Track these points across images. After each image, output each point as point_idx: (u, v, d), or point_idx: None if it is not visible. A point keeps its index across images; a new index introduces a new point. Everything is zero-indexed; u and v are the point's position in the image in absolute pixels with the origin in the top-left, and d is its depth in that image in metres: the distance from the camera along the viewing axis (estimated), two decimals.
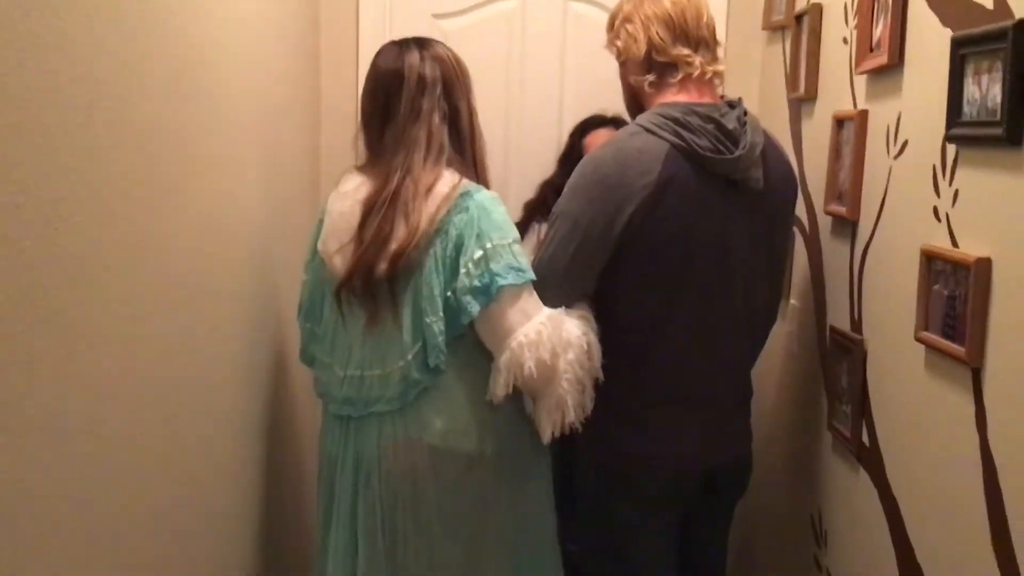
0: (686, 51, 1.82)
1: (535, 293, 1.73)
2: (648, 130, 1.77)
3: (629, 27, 1.86)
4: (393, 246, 1.69)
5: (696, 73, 1.82)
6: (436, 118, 1.75)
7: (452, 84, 1.79)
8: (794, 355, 2.30)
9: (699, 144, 1.74)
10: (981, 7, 1.39)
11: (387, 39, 2.64)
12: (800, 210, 2.26)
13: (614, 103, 2.76)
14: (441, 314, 1.70)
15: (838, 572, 1.95)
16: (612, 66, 2.85)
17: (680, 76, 1.82)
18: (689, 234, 1.77)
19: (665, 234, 1.75)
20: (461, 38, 2.75)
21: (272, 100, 2.08)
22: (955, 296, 1.42)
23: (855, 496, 1.85)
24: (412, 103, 1.75)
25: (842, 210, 1.94)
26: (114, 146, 1.08)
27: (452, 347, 1.73)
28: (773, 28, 2.61)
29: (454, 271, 1.70)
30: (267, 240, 2.01)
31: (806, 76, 2.22)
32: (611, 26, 1.94)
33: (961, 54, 1.42)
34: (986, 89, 1.35)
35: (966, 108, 1.42)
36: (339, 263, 1.77)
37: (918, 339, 1.53)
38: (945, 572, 1.47)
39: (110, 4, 1.07)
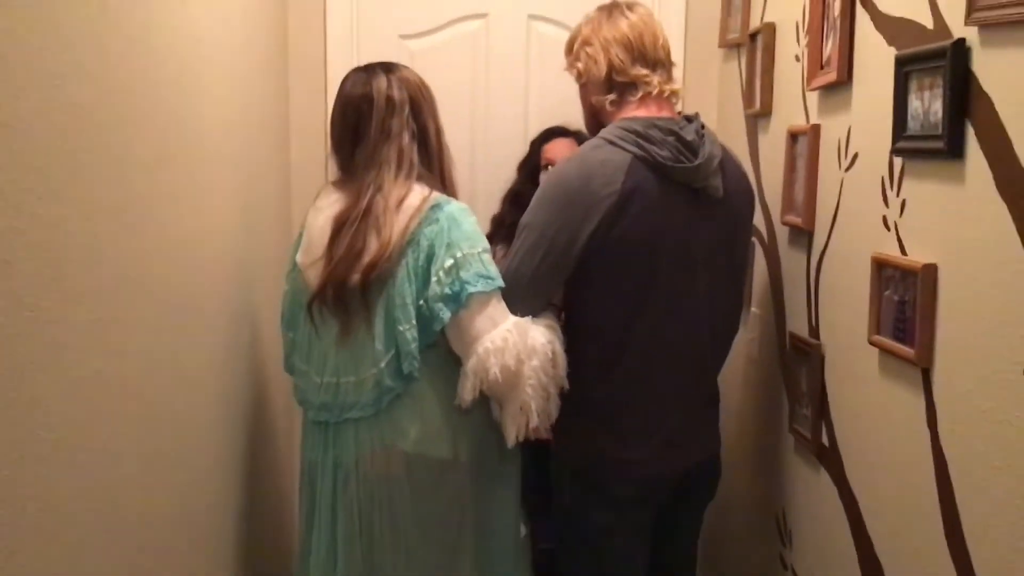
0: (644, 71, 1.87)
1: (503, 301, 1.78)
2: (611, 142, 1.83)
3: (588, 50, 1.91)
4: (366, 259, 1.74)
5: (654, 92, 1.87)
6: (406, 137, 1.83)
7: (419, 105, 1.87)
8: (755, 361, 2.37)
9: (660, 155, 1.80)
10: (922, 27, 1.47)
11: (354, 59, 2.72)
12: (759, 221, 2.34)
13: (576, 119, 2.80)
14: (414, 322, 1.75)
15: (803, 570, 2.01)
16: (574, 83, 2.92)
17: (640, 94, 1.88)
18: (654, 241, 1.81)
19: (631, 242, 1.81)
20: (427, 58, 2.80)
21: (247, 120, 2.11)
22: (904, 301, 1.49)
23: (817, 495, 1.91)
24: (382, 124, 1.81)
25: (798, 220, 2.01)
26: (100, 170, 1.11)
27: (424, 355, 1.78)
28: (729, 46, 2.69)
29: (426, 280, 1.76)
30: (245, 253, 2.04)
31: (761, 92, 2.29)
32: (570, 49, 1.99)
33: (905, 71, 1.50)
34: (928, 104, 1.42)
35: (910, 122, 1.49)
36: (312, 276, 1.81)
37: (871, 342, 1.60)
38: (902, 564, 1.53)
39: (92, 34, 1.10)
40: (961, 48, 1.33)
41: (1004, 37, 1.24)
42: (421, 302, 1.75)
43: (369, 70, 1.88)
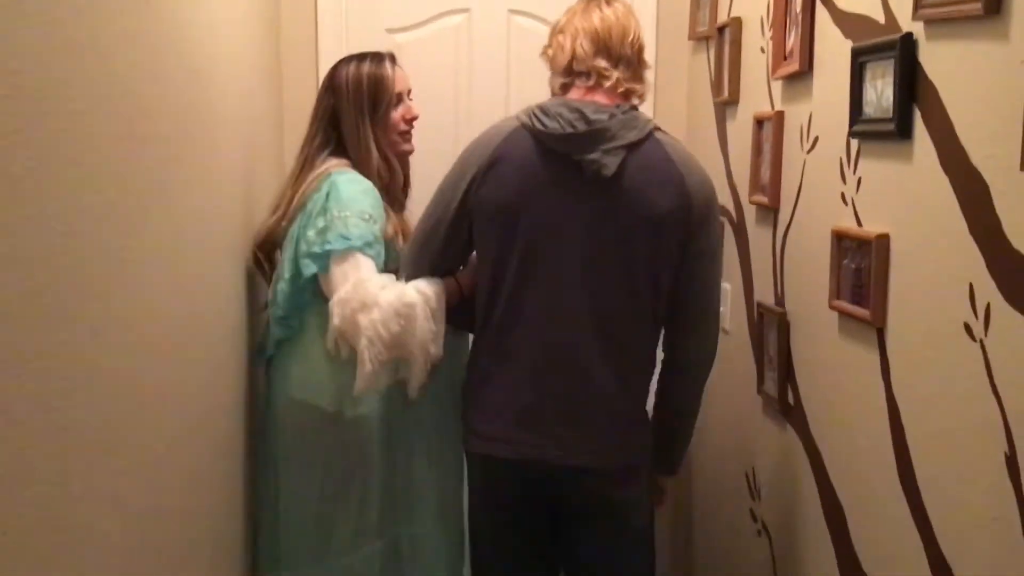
0: (604, 64, 1.85)
1: (364, 261, 1.91)
2: (516, 116, 1.88)
3: (560, 38, 1.96)
4: (270, 222, 2.10)
5: (609, 84, 1.84)
6: (323, 124, 2.13)
7: (340, 96, 2.11)
8: (728, 332, 2.51)
9: (544, 123, 1.80)
10: (875, 22, 1.61)
11: (343, 51, 2.81)
12: (728, 201, 2.47)
13: None
14: (287, 276, 2.00)
15: (771, 520, 2.16)
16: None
17: (591, 83, 1.86)
18: (517, 205, 1.80)
19: (493, 203, 1.82)
20: (413, 50, 2.89)
21: (249, 109, 2.20)
22: (860, 268, 1.63)
23: (784, 451, 2.06)
24: (313, 111, 2.18)
25: (764, 200, 2.14)
26: (116, 156, 1.17)
27: (316, 308, 1.98)
28: (698, 38, 2.82)
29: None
30: (246, 238, 2.13)
31: (729, 82, 2.43)
32: (549, 36, 2.04)
33: (860, 62, 1.63)
34: (880, 91, 1.56)
35: (865, 108, 1.63)
36: None
37: (832, 307, 1.74)
38: (861, 507, 1.68)
39: (116, 27, 1.20)
40: (909, 41, 1.47)
41: (946, 31, 1.38)
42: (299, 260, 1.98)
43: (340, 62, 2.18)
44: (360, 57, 2.15)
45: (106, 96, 1.10)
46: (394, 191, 2.16)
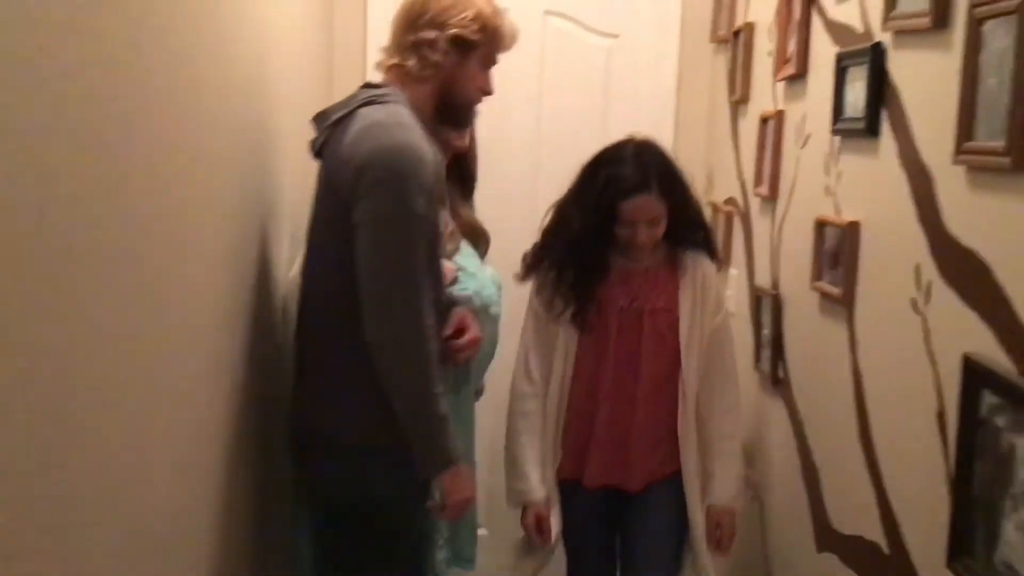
0: (387, 43, 1.79)
1: None
2: None
3: None
4: None
5: (380, 63, 1.80)
6: None
7: None
8: (733, 314, 2.67)
9: None
10: (855, 30, 1.76)
11: None
12: (737, 193, 2.64)
13: (588, 105, 3.15)
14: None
15: (763, 484, 2.32)
16: (585, 71, 3.21)
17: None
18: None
19: None
20: None
21: (306, 99, 2.42)
22: (836, 252, 1.80)
23: (773, 420, 2.23)
24: None
25: (765, 192, 2.31)
26: (158, 146, 1.38)
27: None
28: (719, 41, 2.97)
29: None
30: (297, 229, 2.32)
31: (741, 82, 2.59)
32: None
33: (842, 66, 1.79)
34: (857, 94, 1.72)
35: (846, 108, 1.78)
36: None
37: (813, 287, 1.91)
38: (830, 465, 1.84)
39: (164, 24, 1.41)
40: (879, 49, 1.63)
41: (907, 41, 1.53)
42: None
43: None
44: None
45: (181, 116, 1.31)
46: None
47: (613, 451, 2.04)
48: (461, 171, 2.18)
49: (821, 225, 1.88)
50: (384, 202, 1.59)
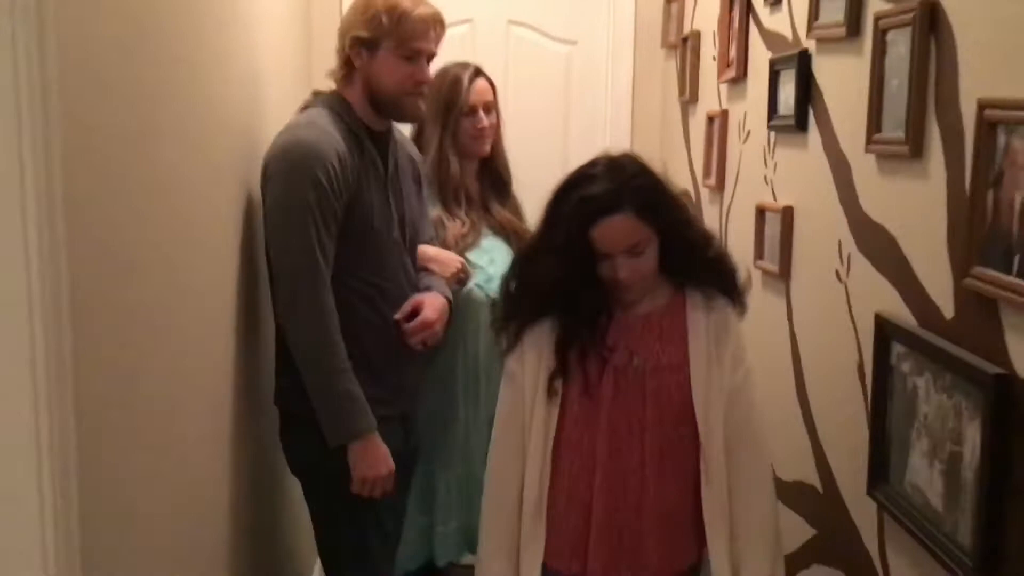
0: None
1: None
2: None
3: None
4: None
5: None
6: None
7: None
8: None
9: None
10: (786, 38, 1.98)
11: None
12: (689, 184, 2.86)
13: (550, 107, 3.35)
14: None
15: None
16: (547, 77, 3.41)
17: None
18: None
19: None
20: None
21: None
22: (775, 234, 2.01)
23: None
24: None
25: (713, 183, 2.52)
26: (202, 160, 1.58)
27: None
28: (669, 47, 3.19)
29: None
30: None
31: (689, 84, 2.80)
32: None
33: (775, 70, 2.01)
34: (788, 94, 1.93)
35: (780, 106, 2.00)
36: None
37: (756, 266, 2.12)
38: (774, 422, 2.04)
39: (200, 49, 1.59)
40: (805, 55, 1.84)
41: (828, 48, 1.75)
42: None
43: None
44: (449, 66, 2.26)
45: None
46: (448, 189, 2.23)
47: (619, 541, 1.60)
48: (491, 173, 2.32)
49: (761, 211, 2.10)
50: (274, 194, 1.74)
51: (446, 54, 3.41)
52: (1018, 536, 1.11)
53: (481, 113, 2.26)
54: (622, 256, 1.53)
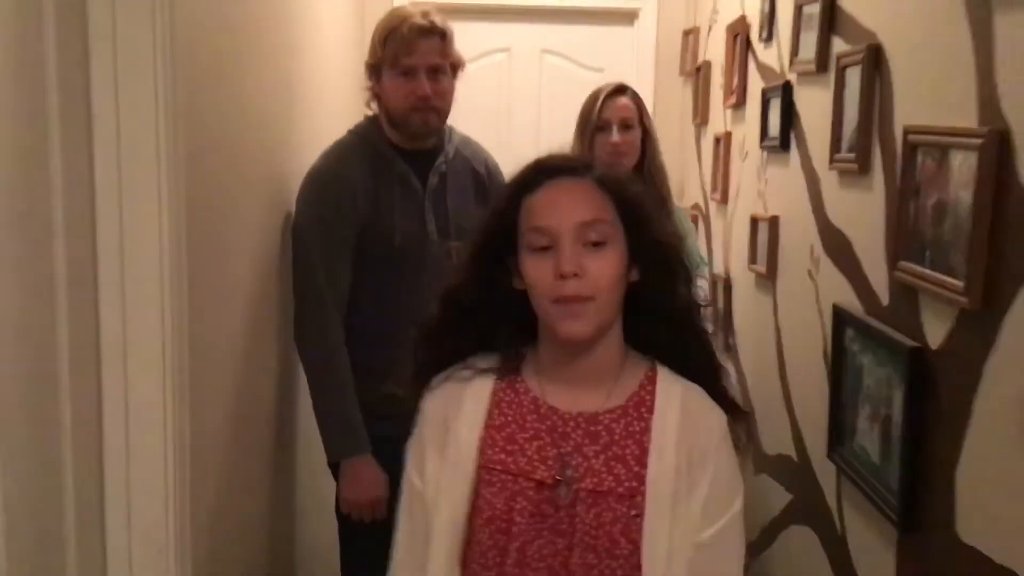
0: None
1: None
2: None
3: None
4: None
5: None
6: None
7: None
8: (706, 302, 3.14)
9: None
10: (775, 71, 2.25)
11: None
12: (701, 199, 3.12)
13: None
14: None
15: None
16: (577, 99, 3.70)
17: None
18: None
19: None
20: (464, 82, 3.59)
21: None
22: (764, 240, 2.27)
23: (727, 383, 2.69)
24: None
25: (719, 197, 2.79)
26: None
27: None
28: (686, 75, 3.47)
29: None
30: None
31: (701, 109, 3.08)
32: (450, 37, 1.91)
33: (766, 98, 2.27)
34: (775, 119, 2.20)
35: (769, 129, 2.26)
36: None
37: (749, 269, 2.38)
38: (761, 404, 2.30)
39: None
40: (788, 86, 2.10)
41: (805, 80, 2.01)
42: None
43: None
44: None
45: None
46: None
47: None
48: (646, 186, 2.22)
49: (755, 220, 2.35)
50: (292, 220, 1.89)
51: (485, 81, 3.75)
52: (933, 479, 1.36)
53: (615, 129, 2.19)
54: (571, 241, 1.02)
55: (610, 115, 2.21)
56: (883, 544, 1.50)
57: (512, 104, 3.73)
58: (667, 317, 1.13)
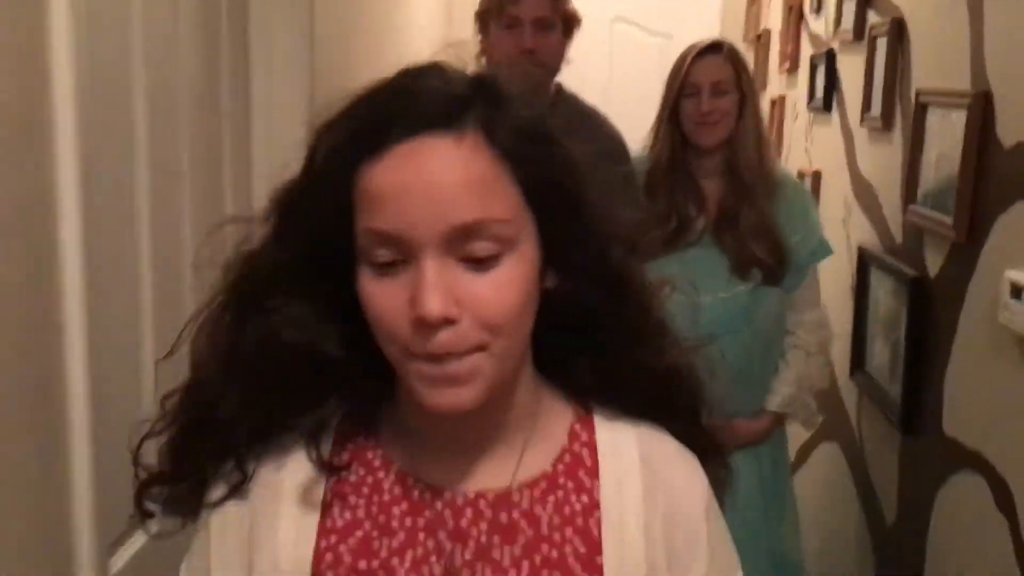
0: None
1: None
2: None
3: None
4: None
5: None
6: None
7: None
8: None
9: None
10: (822, 39, 2.45)
11: None
12: None
13: (648, 96, 3.85)
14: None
15: None
16: (643, 66, 3.91)
17: None
18: None
19: None
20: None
21: None
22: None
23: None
24: None
25: (774, 155, 3.00)
26: None
27: None
28: (750, 42, 3.65)
29: None
30: None
31: (761, 73, 3.27)
32: None
33: (813, 64, 2.48)
34: (820, 83, 2.41)
35: (816, 93, 2.47)
36: None
37: None
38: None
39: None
40: (832, 53, 2.31)
41: (846, 48, 2.22)
42: None
43: None
44: None
45: None
46: None
47: None
48: (731, 173, 1.81)
49: (801, 175, 2.57)
50: None
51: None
52: (928, 388, 1.60)
53: (705, 94, 1.77)
54: (437, 257, 0.58)
55: (699, 77, 1.80)
56: (889, 447, 1.75)
57: (584, 73, 3.96)
58: (612, 348, 0.66)
